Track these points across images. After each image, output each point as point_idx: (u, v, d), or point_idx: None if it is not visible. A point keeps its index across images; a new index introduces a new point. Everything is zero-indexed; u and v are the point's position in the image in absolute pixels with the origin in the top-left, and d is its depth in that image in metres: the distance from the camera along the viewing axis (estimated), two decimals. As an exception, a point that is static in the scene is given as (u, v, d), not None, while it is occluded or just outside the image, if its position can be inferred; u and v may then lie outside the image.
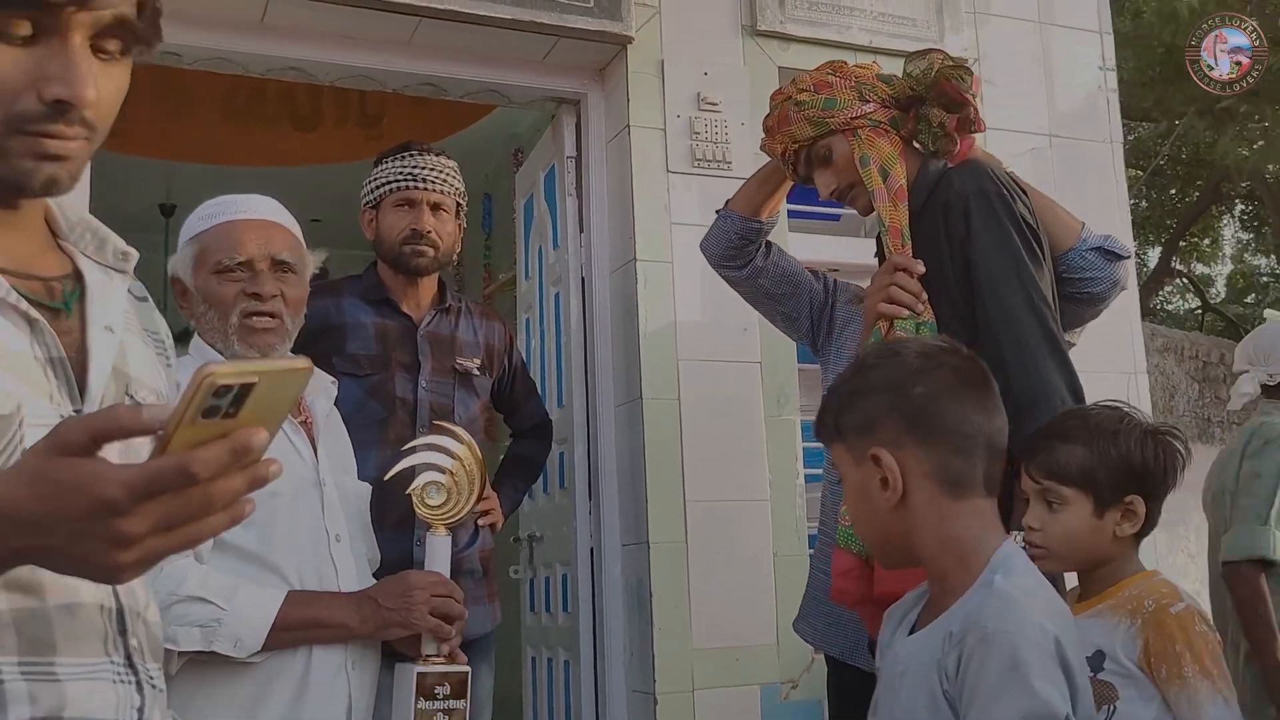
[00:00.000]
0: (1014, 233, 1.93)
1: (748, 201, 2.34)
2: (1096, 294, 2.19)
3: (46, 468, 0.80)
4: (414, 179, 2.66)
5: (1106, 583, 1.73)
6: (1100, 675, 1.64)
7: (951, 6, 3.74)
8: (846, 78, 2.13)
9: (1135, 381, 3.85)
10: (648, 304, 3.25)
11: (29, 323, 1.00)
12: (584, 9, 3.24)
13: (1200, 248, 13.16)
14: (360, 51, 3.23)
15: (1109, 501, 1.70)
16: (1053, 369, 1.87)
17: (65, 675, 0.95)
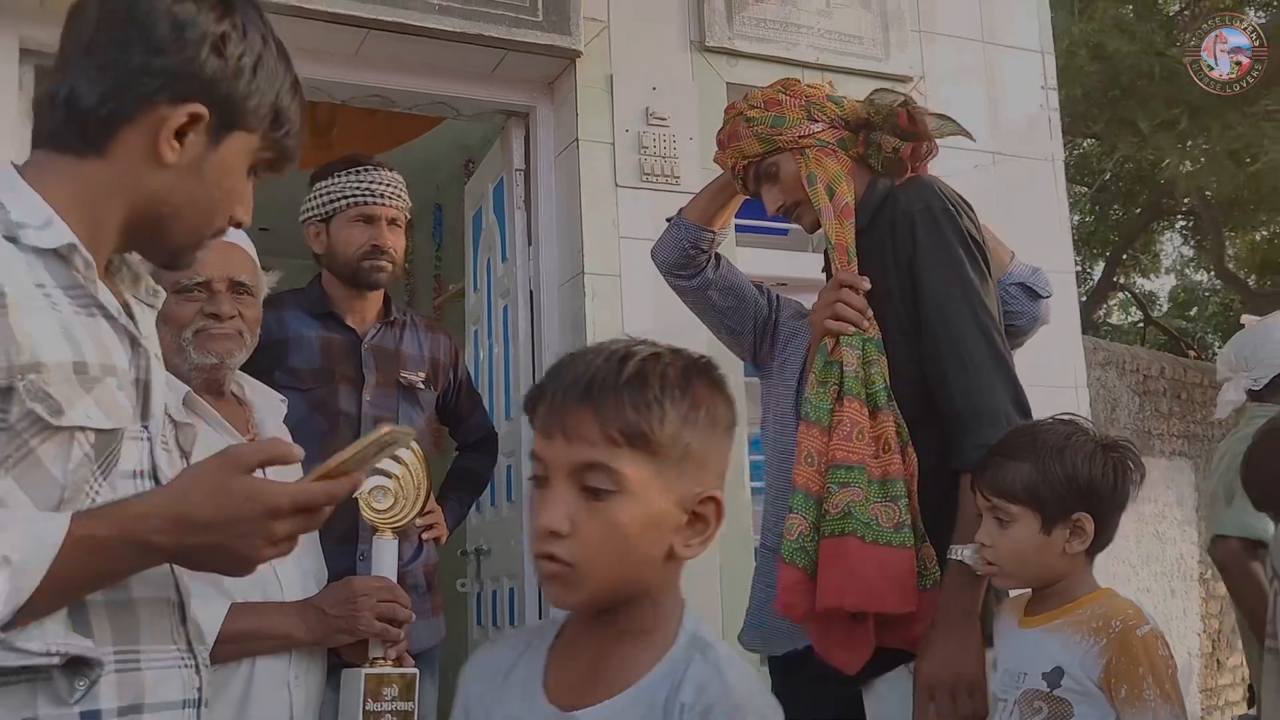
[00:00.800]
0: (960, 249, 1.96)
1: (701, 211, 2.35)
2: (1019, 328, 2.24)
3: (228, 482, 1.06)
4: (372, 194, 2.66)
5: (1062, 598, 1.74)
6: (1056, 691, 1.65)
7: (898, 25, 3.79)
8: (797, 96, 2.15)
9: (1077, 395, 3.92)
10: (596, 317, 3.26)
11: (132, 345, 1.17)
12: (533, 23, 3.25)
13: (1143, 262, 13.39)
14: (307, 62, 3.18)
15: (1056, 518, 1.70)
16: (997, 384, 1.89)
17: (146, 664, 1.12)
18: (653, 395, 1.04)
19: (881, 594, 1.83)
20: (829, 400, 1.95)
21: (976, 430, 1.87)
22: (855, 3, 3.73)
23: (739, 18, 3.55)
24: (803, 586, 1.91)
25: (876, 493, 1.88)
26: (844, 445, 1.91)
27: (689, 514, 1.08)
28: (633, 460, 1.04)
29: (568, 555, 1.04)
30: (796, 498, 1.95)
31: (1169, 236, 13.23)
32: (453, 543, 3.83)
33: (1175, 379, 6.48)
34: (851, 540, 1.85)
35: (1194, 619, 6.18)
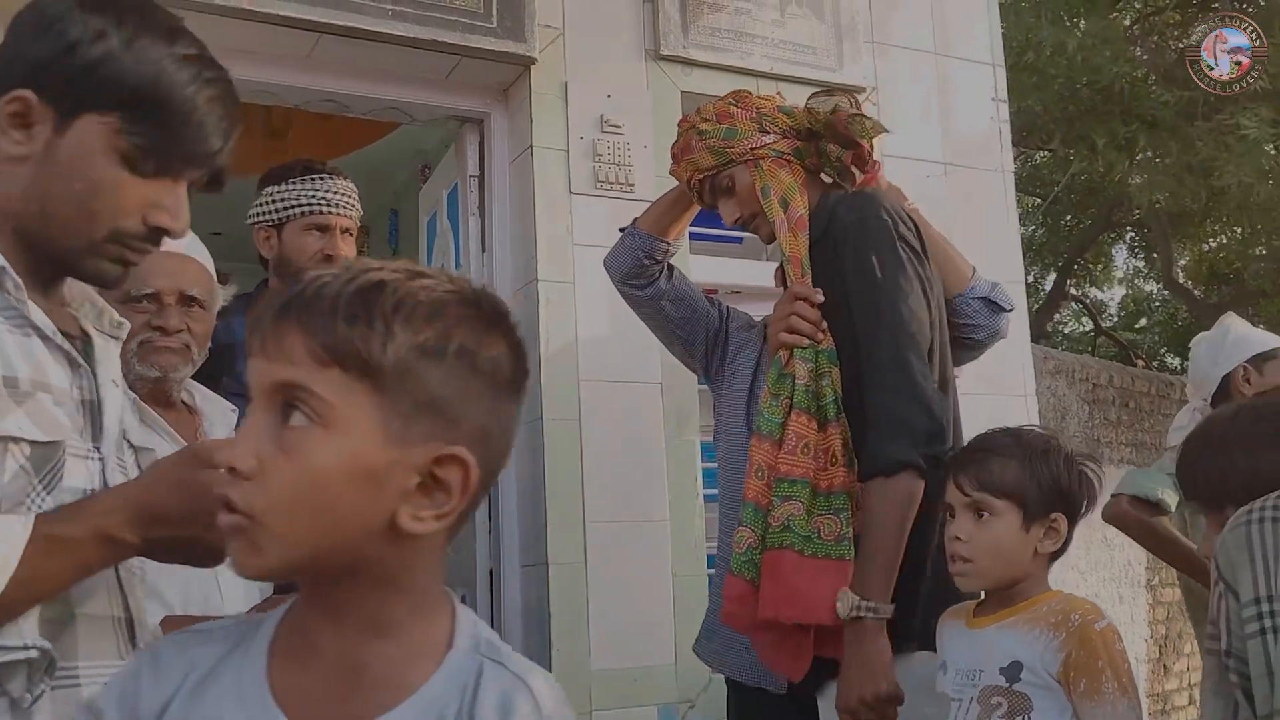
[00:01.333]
0: (890, 258, 1.97)
1: (656, 221, 2.36)
2: (977, 340, 2.27)
3: (190, 477, 1.07)
4: (327, 204, 2.65)
5: (1016, 600, 1.77)
6: (1016, 686, 1.67)
7: (851, 36, 3.82)
8: (748, 109, 2.16)
9: (1026, 403, 3.96)
10: (549, 324, 3.25)
11: (72, 366, 1.18)
12: (487, 29, 3.24)
13: (1094, 273, 13.57)
14: (258, 66, 3.18)
15: (1036, 516, 1.74)
16: (892, 391, 1.91)
17: (86, 681, 1.11)
18: (381, 311, 0.83)
19: (817, 606, 1.85)
20: (780, 414, 1.97)
21: (870, 437, 1.91)
22: (809, 13, 3.75)
23: (694, 27, 3.56)
24: (748, 598, 1.92)
25: (821, 505, 1.89)
26: (789, 459, 1.92)
27: (423, 475, 0.85)
28: (344, 388, 0.83)
29: (246, 504, 0.83)
30: (746, 510, 1.96)
31: (1119, 248, 13.43)
32: (405, 550, 3.82)
33: (1124, 388, 6.57)
34: (788, 554, 1.87)
35: (1141, 625, 6.26)
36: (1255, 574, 1.23)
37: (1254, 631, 1.22)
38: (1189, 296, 12.04)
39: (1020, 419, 3.83)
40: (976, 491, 1.75)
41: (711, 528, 2.88)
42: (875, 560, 1.86)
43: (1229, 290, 11.50)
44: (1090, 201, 10.87)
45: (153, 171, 1.17)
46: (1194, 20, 9.61)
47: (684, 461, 3.35)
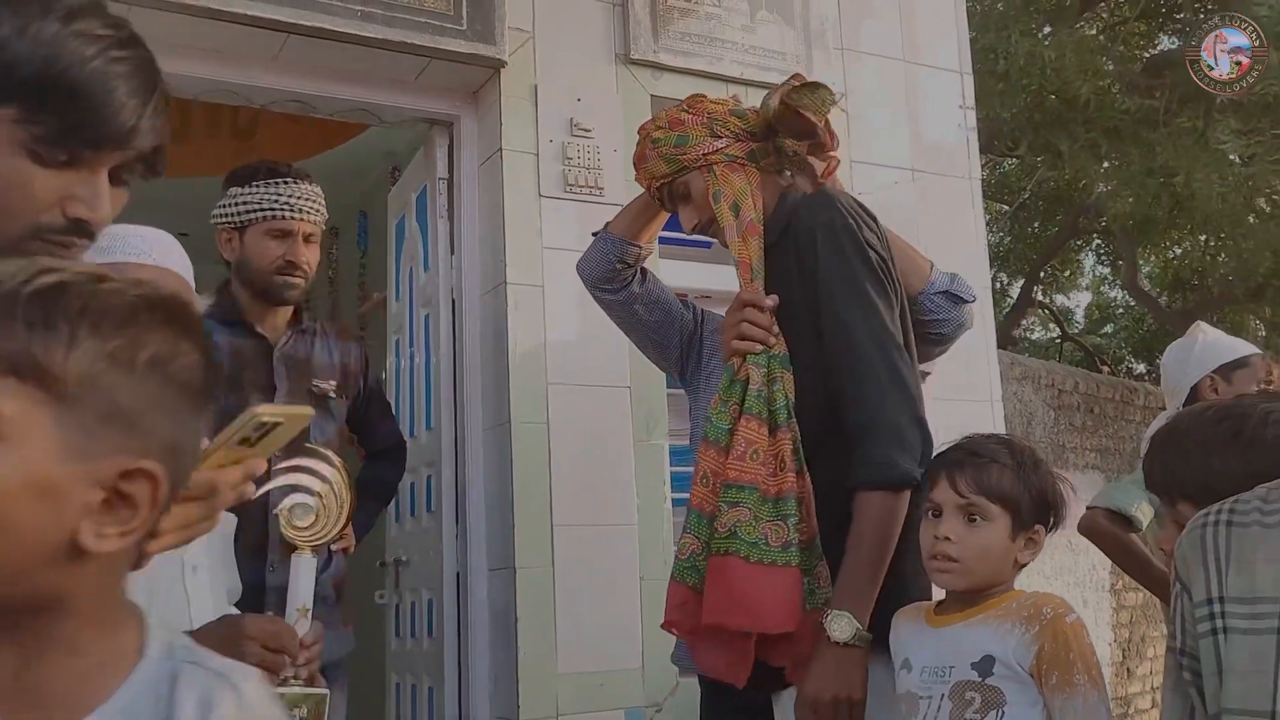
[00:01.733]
0: (859, 262, 1.97)
1: (627, 225, 2.35)
2: (944, 334, 2.28)
3: None
4: (291, 208, 2.63)
5: (981, 600, 1.78)
6: (989, 680, 1.68)
7: (821, 42, 3.84)
8: (699, 114, 2.14)
9: (993, 409, 3.99)
10: (518, 328, 3.25)
11: None
12: (457, 31, 3.23)
13: (1060, 280, 13.70)
14: (225, 66, 3.16)
15: (1024, 525, 1.76)
16: (892, 400, 1.90)
17: None
18: (63, 316, 0.78)
19: (761, 613, 1.84)
20: (728, 420, 1.96)
21: (869, 446, 1.90)
22: (779, 19, 3.77)
23: (664, 31, 3.56)
24: (689, 604, 1.92)
25: (769, 512, 1.88)
26: (737, 465, 1.92)
27: (108, 491, 0.80)
28: (18, 398, 0.77)
29: None
30: (691, 517, 1.96)
31: (1086, 255, 13.55)
32: (371, 554, 3.80)
33: (1089, 394, 6.63)
34: (734, 560, 1.86)
35: (1105, 628, 6.32)
36: (1208, 575, 1.25)
37: (1206, 631, 1.25)
38: (1153, 303, 12.17)
39: (986, 425, 3.87)
40: (974, 494, 1.76)
41: (680, 532, 2.88)
42: (866, 574, 1.85)
43: (1193, 297, 11.63)
44: (1057, 209, 10.97)
45: (64, 161, 1.09)
46: (1159, 30, 9.73)
47: (652, 466, 3.36)
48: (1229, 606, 1.23)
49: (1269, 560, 1.21)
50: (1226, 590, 1.23)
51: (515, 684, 3.08)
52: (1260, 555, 1.22)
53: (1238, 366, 2.97)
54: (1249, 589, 1.21)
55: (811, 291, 1.99)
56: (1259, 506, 1.25)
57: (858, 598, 1.84)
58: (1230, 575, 1.23)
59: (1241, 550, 1.24)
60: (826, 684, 1.82)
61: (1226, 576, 1.24)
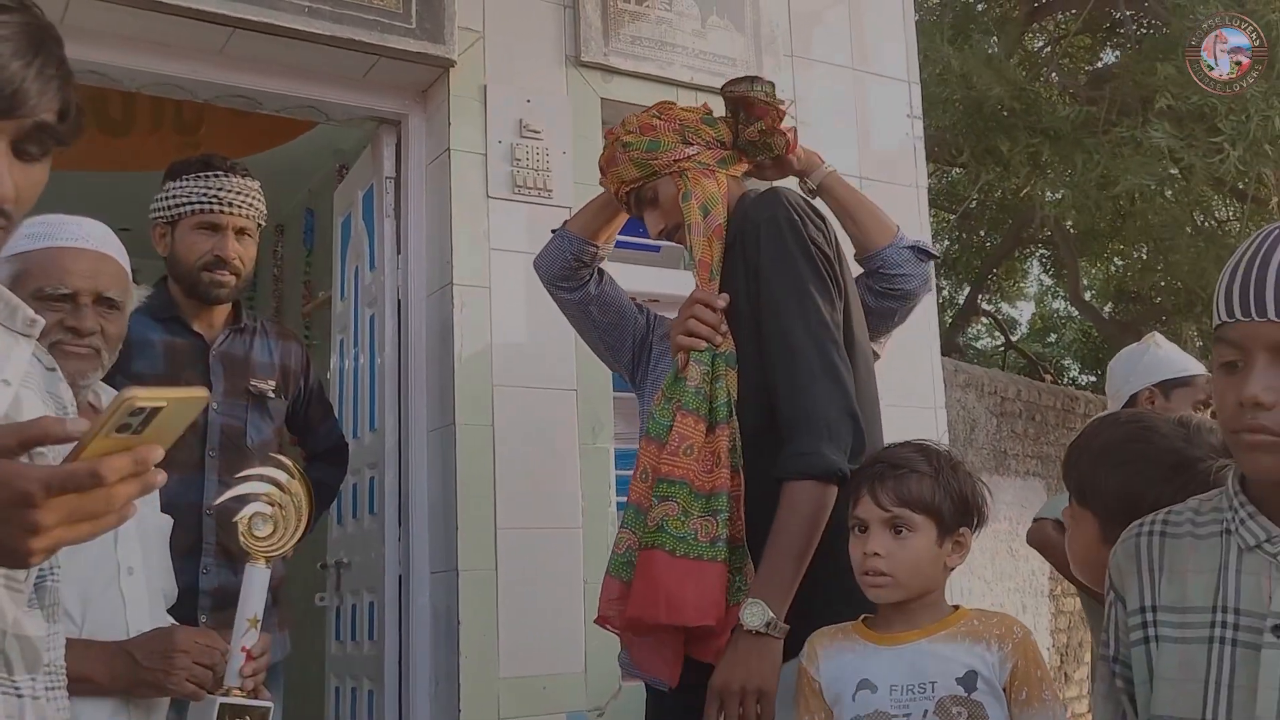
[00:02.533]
0: (801, 257, 1.99)
1: (585, 225, 2.35)
2: (909, 290, 2.31)
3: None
4: (220, 201, 2.57)
5: (930, 612, 1.78)
6: (973, 695, 1.69)
7: (771, 49, 3.86)
8: (671, 121, 2.17)
9: (936, 415, 4.03)
10: (464, 329, 3.23)
11: None
12: (405, 30, 3.21)
13: (1005, 289, 13.88)
14: (169, 59, 3.11)
15: (948, 530, 1.76)
16: (825, 394, 1.91)
17: None
18: None
19: (682, 607, 1.84)
20: (669, 416, 1.98)
21: (798, 438, 1.91)
22: (730, 25, 3.78)
23: (615, 35, 3.56)
24: (622, 599, 1.93)
25: (700, 507, 1.89)
26: (670, 460, 1.93)
27: None
28: None
29: None
30: (628, 512, 1.97)
31: (1030, 264, 13.75)
32: (312, 556, 3.76)
33: (1031, 402, 6.73)
34: (659, 554, 1.87)
35: (1044, 634, 6.41)
36: (1141, 584, 1.27)
37: (1139, 639, 1.27)
38: (1095, 314, 12.37)
39: (930, 431, 3.90)
40: (896, 507, 1.76)
41: (623, 535, 2.88)
42: (788, 565, 1.85)
43: (1135, 308, 11.83)
44: (1002, 218, 11.12)
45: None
46: (1102, 44, 9.90)
47: (597, 469, 3.35)
48: (1160, 615, 1.25)
49: (1199, 571, 1.23)
50: (1159, 599, 1.25)
51: (457, 687, 3.05)
52: (1191, 566, 1.24)
53: (1180, 384, 2.94)
54: (1180, 598, 1.23)
55: (755, 286, 2.01)
56: (1191, 518, 1.27)
57: (776, 587, 1.84)
58: (1163, 584, 1.26)
59: (1174, 560, 1.26)
60: (735, 672, 1.81)
61: (1159, 586, 1.26)
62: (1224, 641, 1.18)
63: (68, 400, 1.30)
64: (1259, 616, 1.16)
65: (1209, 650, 1.19)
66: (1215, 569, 1.22)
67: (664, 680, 1.94)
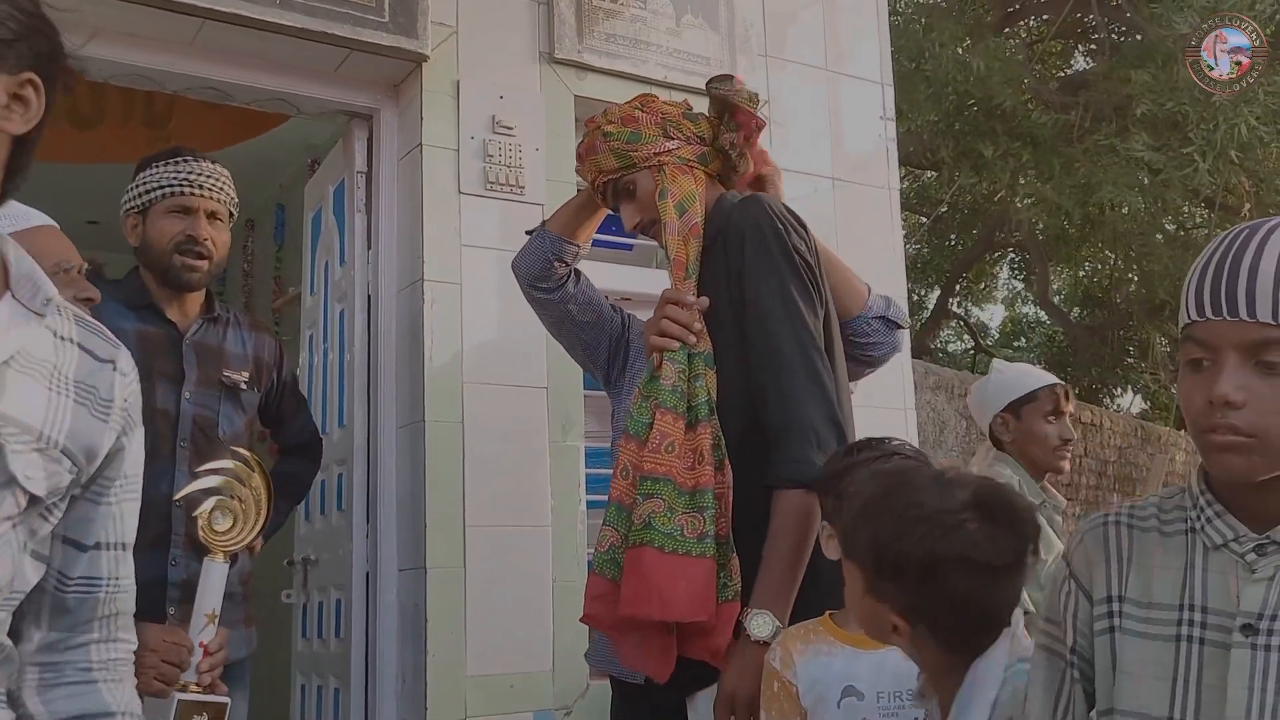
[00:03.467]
0: (784, 264, 2.00)
1: (564, 224, 2.35)
2: (877, 358, 2.33)
3: None
4: (190, 184, 2.54)
5: None
6: None
7: (745, 49, 3.86)
8: (653, 114, 2.16)
9: (906, 417, 4.04)
10: (434, 325, 3.21)
11: None
12: (378, 23, 3.19)
13: (976, 292, 13.97)
14: (139, 50, 3.08)
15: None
16: (809, 400, 1.93)
17: None
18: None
19: (674, 603, 1.85)
20: (649, 414, 1.98)
21: (786, 445, 1.92)
22: (705, 24, 3.78)
23: (589, 32, 3.56)
24: (609, 597, 1.93)
25: (685, 504, 1.90)
26: (652, 457, 1.94)
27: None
28: None
29: None
30: (610, 510, 1.97)
31: (1000, 268, 13.84)
32: (279, 552, 3.73)
33: (1000, 404, 6.76)
34: (648, 550, 1.88)
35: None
36: (1109, 573, 1.27)
37: (1103, 629, 1.26)
38: (1063, 318, 12.47)
39: (899, 432, 3.91)
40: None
41: (594, 534, 2.87)
42: (787, 572, 1.88)
43: (1102, 313, 11.93)
44: (974, 222, 11.18)
45: None
46: (1074, 49, 9.98)
47: (567, 467, 3.34)
48: (1126, 607, 1.25)
49: (1164, 567, 1.23)
50: (1125, 590, 1.25)
51: (424, 685, 3.04)
52: (1157, 561, 1.24)
53: (1026, 401, 2.94)
54: (1145, 593, 1.23)
55: (738, 292, 2.02)
56: (1155, 514, 1.28)
57: (778, 596, 1.86)
58: (1130, 576, 1.25)
59: (1141, 553, 1.26)
60: (746, 681, 1.83)
61: (1127, 577, 1.26)
62: (1191, 640, 1.18)
63: (107, 391, 1.21)
64: (1227, 615, 1.16)
65: (1176, 648, 1.19)
66: (1181, 566, 1.22)
67: (657, 677, 1.94)
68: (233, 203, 2.62)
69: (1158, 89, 6.23)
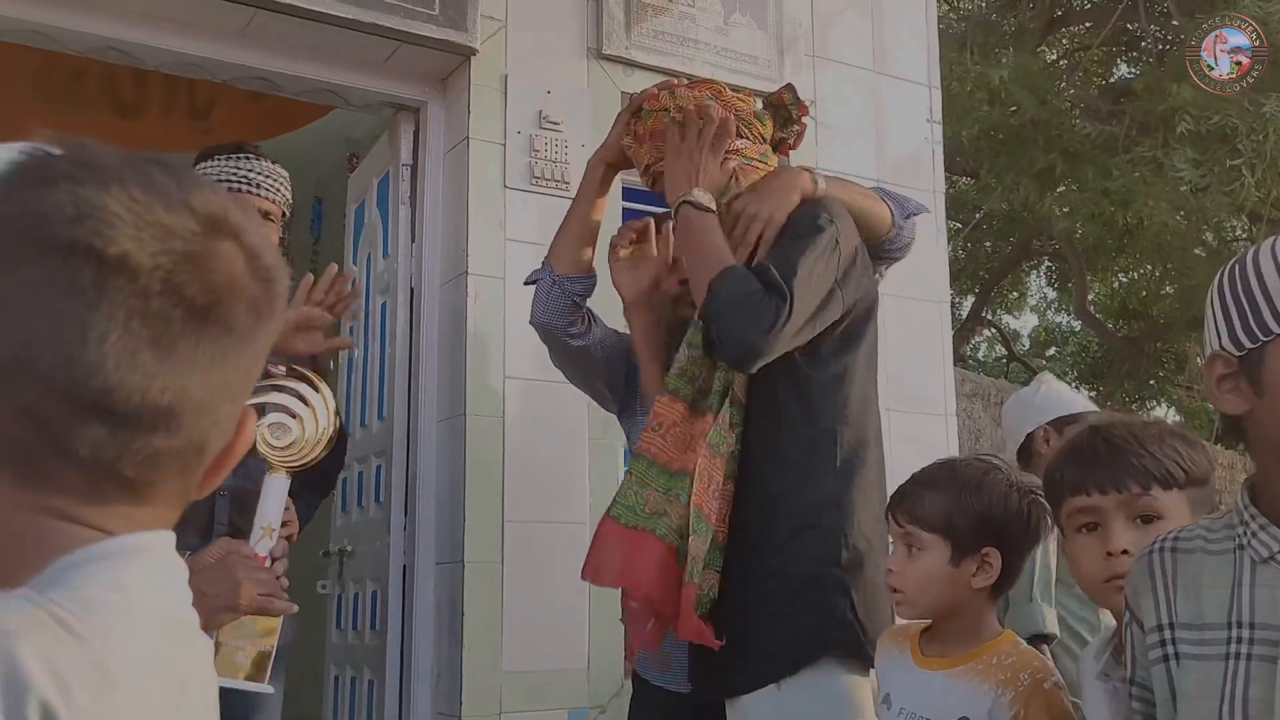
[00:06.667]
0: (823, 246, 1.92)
1: (572, 259, 2.26)
2: (898, 249, 2.22)
3: None
4: (248, 182, 2.58)
5: (967, 638, 1.73)
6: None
7: (793, 48, 3.84)
8: (726, 108, 2.11)
9: (946, 423, 4.01)
10: (477, 319, 3.20)
11: None
12: (428, 16, 3.19)
13: (1009, 300, 13.87)
14: (190, 38, 3.09)
15: (966, 550, 1.71)
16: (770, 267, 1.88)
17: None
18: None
19: (610, 571, 1.90)
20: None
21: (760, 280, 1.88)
22: (752, 23, 3.76)
23: (637, 28, 3.54)
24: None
25: (660, 483, 1.90)
26: (643, 436, 1.95)
27: None
28: None
29: None
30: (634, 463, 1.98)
31: (1036, 277, 13.73)
32: (314, 543, 3.73)
33: (1036, 413, 6.70)
34: (608, 520, 1.91)
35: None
36: (1157, 602, 1.25)
37: (1157, 658, 1.25)
38: (1101, 328, 12.36)
39: (939, 438, 3.89)
40: (908, 524, 1.74)
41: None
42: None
43: (1139, 325, 11.82)
44: (1011, 230, 11.10)
45: None
46: (1117, 58, 9.89)
47: (606, 464, 3.33)
48: (1179, 632, 1.23)
49: (1213, 586, 1.21)
50: (1175, 616, 1.24)
51: (459, 680, 3.03)
52: (1205, 582, 1.22)
53: (1071, 421, 2.93)
54: (1196, 615, 1.22)
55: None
56: (1202, 535, 1.26)
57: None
58: (1178, 601, 1.24)
59: (1188, 576, 1.24)
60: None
61: (1175, 603, 1.24)
62: (1239, 657, 1.16)
63: None
64: (1274, 629, 1.14)
65: (1225, 666, 1.17)
66: (1229, 585, 1.20)
67: (645, 645, 1.98)
68: (286, 203, 2.65)
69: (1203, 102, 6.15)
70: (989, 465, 1.79)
